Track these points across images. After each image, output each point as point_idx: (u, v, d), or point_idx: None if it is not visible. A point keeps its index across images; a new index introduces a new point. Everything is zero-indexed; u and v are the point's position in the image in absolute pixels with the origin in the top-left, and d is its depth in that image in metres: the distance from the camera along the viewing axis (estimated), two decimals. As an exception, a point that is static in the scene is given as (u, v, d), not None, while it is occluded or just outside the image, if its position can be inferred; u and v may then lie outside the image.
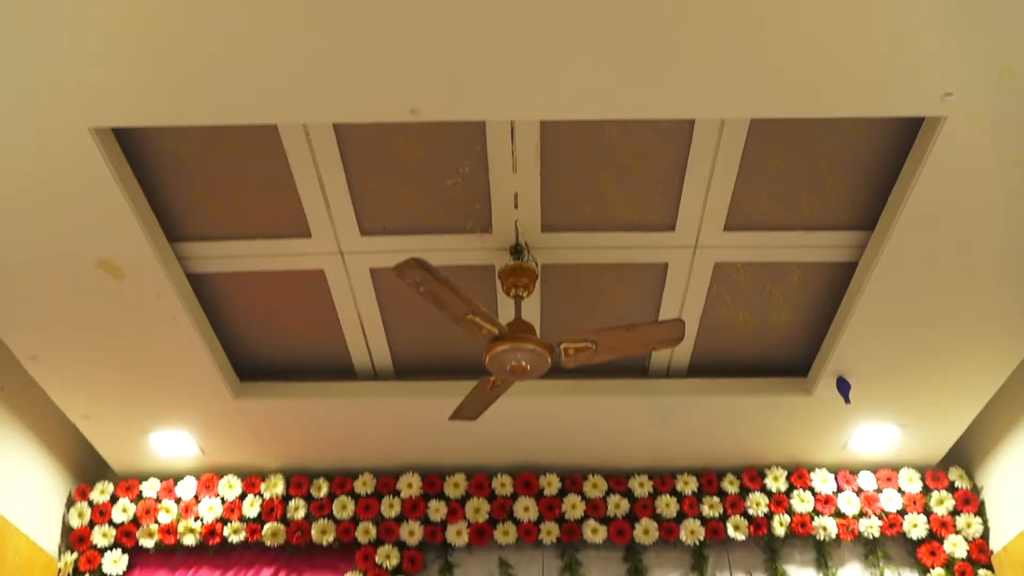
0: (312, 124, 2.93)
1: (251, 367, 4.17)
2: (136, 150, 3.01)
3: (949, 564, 4.44)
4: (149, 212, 3.19)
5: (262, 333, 4.01)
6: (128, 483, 4.66)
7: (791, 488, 4.65)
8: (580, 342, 3.02)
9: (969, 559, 4.42)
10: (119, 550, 4.50)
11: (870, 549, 4.58)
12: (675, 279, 3.65)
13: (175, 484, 4.66)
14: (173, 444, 4.46)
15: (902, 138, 2.98)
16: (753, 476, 4.69)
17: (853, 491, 4.63)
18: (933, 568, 4.46)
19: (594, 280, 3.68)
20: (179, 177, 3.18)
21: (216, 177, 3.21)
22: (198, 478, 4.66)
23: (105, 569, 4.44)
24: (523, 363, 3.02)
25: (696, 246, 3.48)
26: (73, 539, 4.51)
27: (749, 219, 3.39)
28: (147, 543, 4.52)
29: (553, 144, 3.06)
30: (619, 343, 3.06)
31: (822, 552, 4.58)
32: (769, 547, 4.59)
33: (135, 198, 3.06)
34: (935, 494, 4.59)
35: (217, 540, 4.51)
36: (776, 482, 4.65)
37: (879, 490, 4.63)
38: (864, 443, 4.52)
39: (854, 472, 4.69)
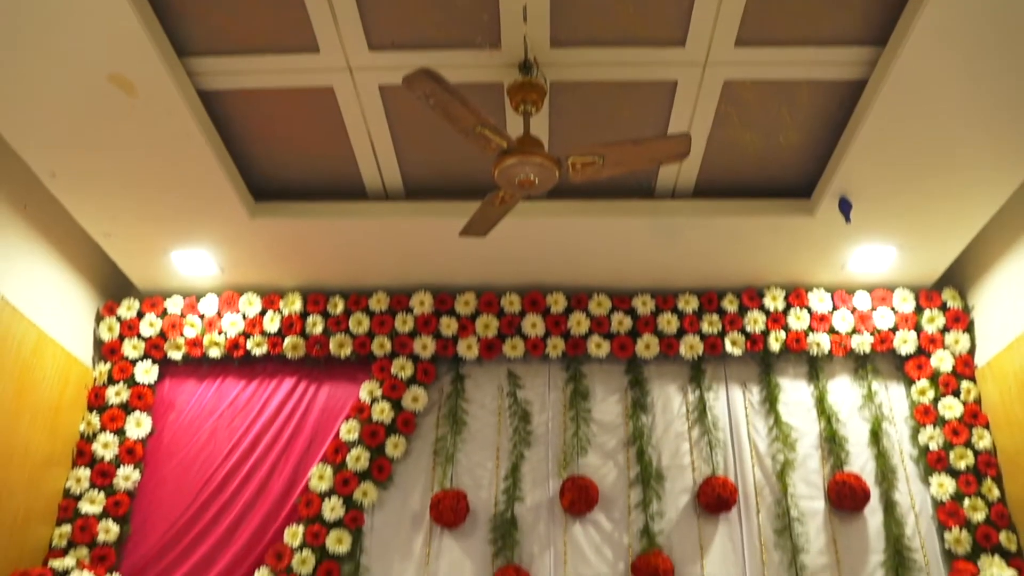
0: (317, -71, 2.86)
1: (265, 187, 4.26)
2: (139, -42, 2.97)
3: (934, 377, 4.68)
4: (157, 24, 3.17)
5: (275, 153, 4.07)
6: (153, 300, 4.87)
7: (788, 307, 4.84)
8: (587, 156, 3.08)
9: (954, 372, 4.66)
10: (149, 361, 4.77)
11: (860, 364, 4.82)
12: (684, 97, 3.65)
13: (197, 301, 4.88)
14: (193, 263, 4.63)
15: (922, -54, 2.91)
16: (752, 296, 4.87)
17: (848, 310, 4.81)
18: (919, 380, 4.70)
19: (603, 98, 3.68)
20: (184, -13, 3.14)
21: (221, -12, 3.17)
22: (219, 296, 4.87)
23: (137, 378, 4.72)
24: (531, 177, 3.09)
25: (706, 63, 3.46)
26: (105, 351, 4.78)
27: (761, 34, 3.34)
28: (175, 355, 4.78)
29: (563, -48, 2.99)
30: (626, 157, 3.11)
31: (814, 367, 4.82)
32: (764, 362, 4.84)
33: (142, 9, 3.03)
34: (927, 312, 4.77)
35: (241, 353, 4.76)
36: (774, 301, 4.83)
37: (873, 309, 4.81)
38: (862, 264, 4.65)
39: (850, 292, 4.85)
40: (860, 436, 4.66)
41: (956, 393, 4.61)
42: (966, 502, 4.35)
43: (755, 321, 4.80)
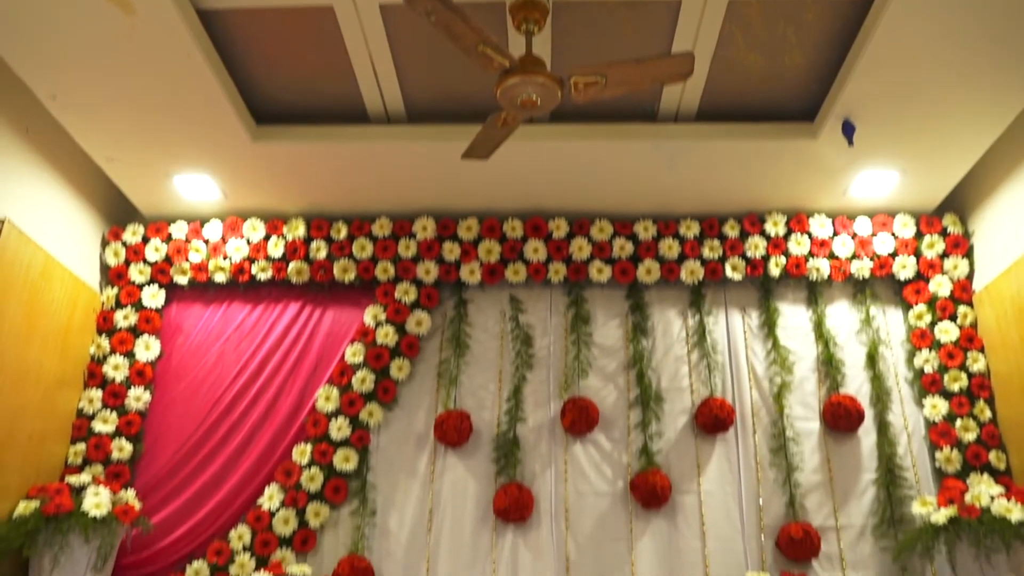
0: None
1: (267, 111, 4.24)
2: None
3: (932, 302, 4.73)
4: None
5: (276, 76, 4.04)
6: (157, 225, 4.90)
7: (789, 232, 4.86)
8: (590, 76, 3.06)
9: (952, 297, 4.70)
10: (156, 286, 4.83)
11: (859, 289, 4.86)
12: (687, 17, 3.61)
13: (202, 226, 4.91)
14: (196, 187, 4.64)
15: None
16: (753, 221, 4.88)
17: (849, 235, 4.83)
18: (916, 305, 4.75)
19: (606, 18, 3.64)
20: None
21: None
22: (223, 221, 4.90)
23: (145, 303, 4.79)
24: (533, 96, 3.08)
25: (711, -20, 3.41)
26: (112, 276, 4.83)
27: (767, -50, 3.29)
28: (181, 280, 4.83)
29: None
30: (629, 77, 3.10)
31: (813, 291, 4.87)
32: (764, 287, 4.88)
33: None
34: (927, 238, 4.79)
35: (246, 278, 4.81)
36: (775, 227, 4.85)
37: (874, 234, 4.84)
38: (864, 189, 4.66)
39: (851, 218, 4.87)
40: (856, 359, 4.74)
41: (953, 318, 4.66)
42: (958, 423, 4.44)
43: (756, 246, 4.83)
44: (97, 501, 3.94)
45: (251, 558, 4.27)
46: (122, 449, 4.46)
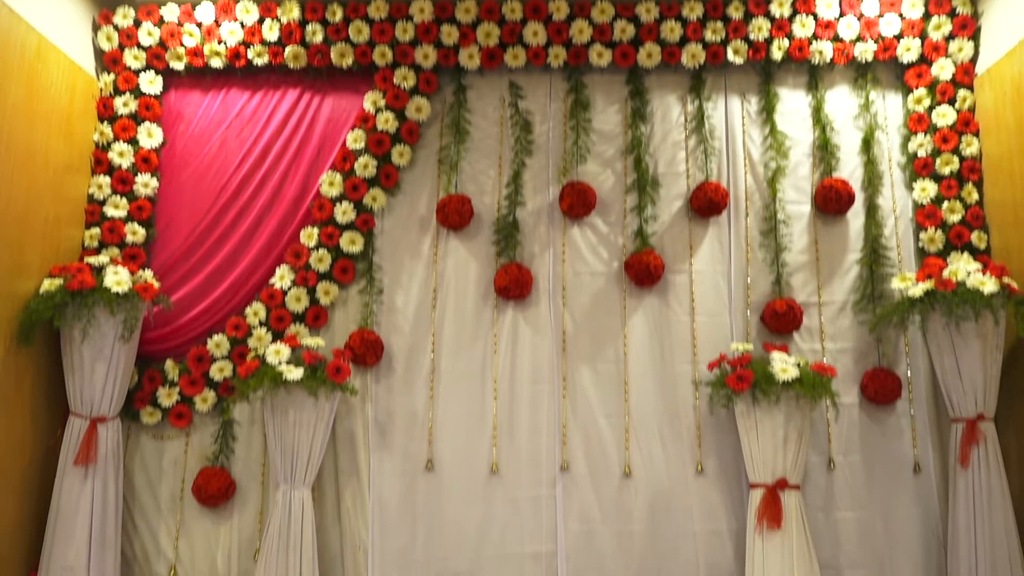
0: None
1: None
2: None
3: (932, 86, 4.71)
4: None
5: None
6: (148, 8, 4.79)
7: (794, 14, 4.76)
8: None
9: (953, 81, 4.68)
10: (152, 72, 4.78)
11: (860, 73, 4.83)
12: None
13: (193, 9, 4.80)
14: (185, -34, 4.50)
15: None
16: (758, 2, 4.76)
17: (855, 16, 4.74)
18: (916, 89, 4.75)
19: None
20: None
21: None
22: (215, 3, 4.78)
23: (143, 88, 4.77)
24: None
25: None
26: (107, 61, 4.77)
27: None
28: (177, 65, 4.79)
29: None
30: None
31: (814, 76, 4.84)
32: (765, 71, 4.85)
33: None
34: (934, 19, 4.70)
35: (243, 63, 4.77)
36: (780, 8, 4.74)
37: (880, 15, 4.74)
38: (874, -34, 4.52)
39: (859, -2, 4.76)
40: (852, 144, 4.80)
41: (952, 102, 4.67)
42: (944, 205, 4.58)
43: (759, 28, 4.75)
44: (118, 279, 4.13)
45: (267, 332, 4.55)
46: (135, 233, 4.62)
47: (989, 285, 3.97)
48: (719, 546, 4.38)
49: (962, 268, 4.11)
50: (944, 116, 4.65)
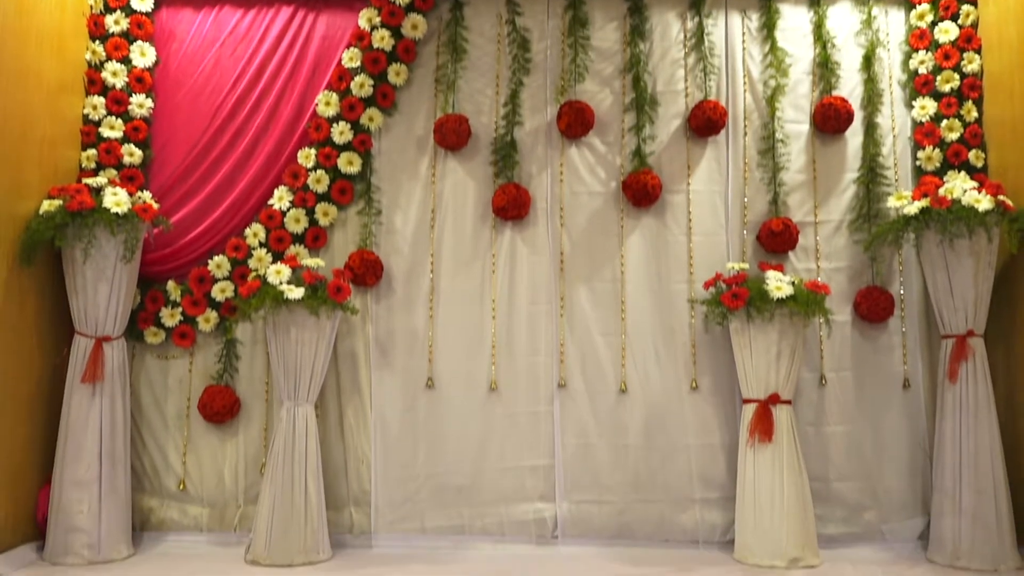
0: None
1: None
2: None
3: (936, 1, 4.65)
4: None
5: None
6: (136, -79, 4.68)
7: (797, -74, 4.67)
8: None
9: (956, -6, 4.63)
10: (143, -13, 4.71)
11: (863, -11, 4.77)
12: None
13: (183, -77, 4.69)
14: None
15: None
16: (761, -86, 4.67)
17: (859, -72, 4.66)
18: (920, 5, 4.68)
19: None
20: None
21: None
22: (204, -84, 4.68)
23: (134, 6, 4.69)
24: None
25: None
26: (96, -23, 4.69)
27: None
28: (168, -18, 4.71)
29: None
30: None
31: (817, -9, 4.78)
32: (765, -14, 4.78)
33: None
34: (940, -68, 4.62)
35: (235, -21, 4.68)
36: (783, -80, 4.65)
37: (885, -73, 4.65)
38: None
39: (865, -91, 4.65)
40: (853, 62, 4.76)
41: (955, 17, 4.62)
42: (943, 123, 4.56)
43: (762, -57, 4.66)
44: (117, 200, 4.14)
45: (267, 253, 4.59)
46: (132, 154, 4.61)
47: (984, 203, 3.99)
48: (712, 459, 4.50)
49: (958, 186, 4.13)
50: (946, 32, 4.59)
